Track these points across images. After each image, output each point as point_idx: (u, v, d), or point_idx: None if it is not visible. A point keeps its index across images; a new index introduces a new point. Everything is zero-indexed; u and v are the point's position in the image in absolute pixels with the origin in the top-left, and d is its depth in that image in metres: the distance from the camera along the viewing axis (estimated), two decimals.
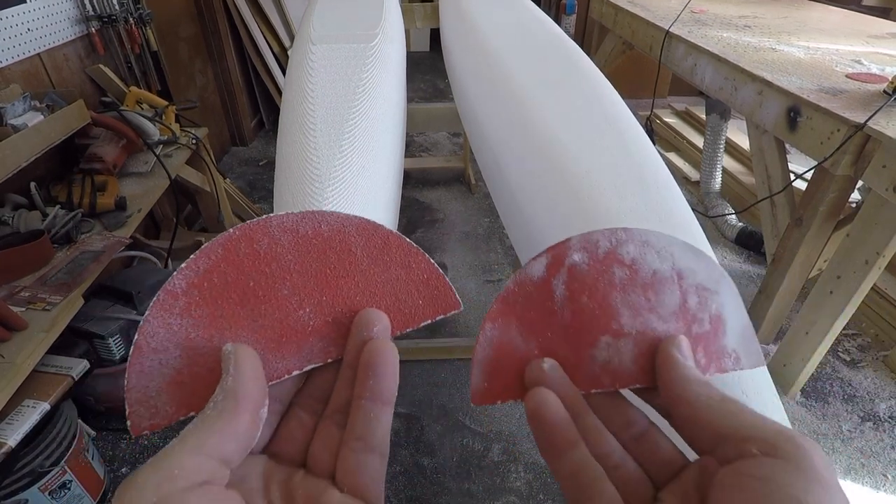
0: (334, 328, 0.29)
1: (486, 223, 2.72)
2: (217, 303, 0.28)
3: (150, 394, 0.27)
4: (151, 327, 0.27)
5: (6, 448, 1.06)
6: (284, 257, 0.29)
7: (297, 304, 0.29)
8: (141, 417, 0.26)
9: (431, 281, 0.31)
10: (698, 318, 0.31)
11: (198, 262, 0.28)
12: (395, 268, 0.31)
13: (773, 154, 1.69)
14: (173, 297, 0.27)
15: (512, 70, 0.83)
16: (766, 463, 0.22)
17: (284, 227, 0.29)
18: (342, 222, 0.30)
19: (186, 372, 0.27)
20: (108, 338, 1.43)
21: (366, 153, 0.64)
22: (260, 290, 0.28)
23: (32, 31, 1.63)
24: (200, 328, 0.27)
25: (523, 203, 0.70)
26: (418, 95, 4.47)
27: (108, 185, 1.63)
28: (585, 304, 0.31)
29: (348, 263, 0.30)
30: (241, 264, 0.28)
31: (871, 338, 1.96)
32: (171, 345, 0.27)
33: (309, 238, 0.29)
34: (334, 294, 0.30)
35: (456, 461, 1.58)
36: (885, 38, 2.00)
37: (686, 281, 0.31)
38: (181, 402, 0.27)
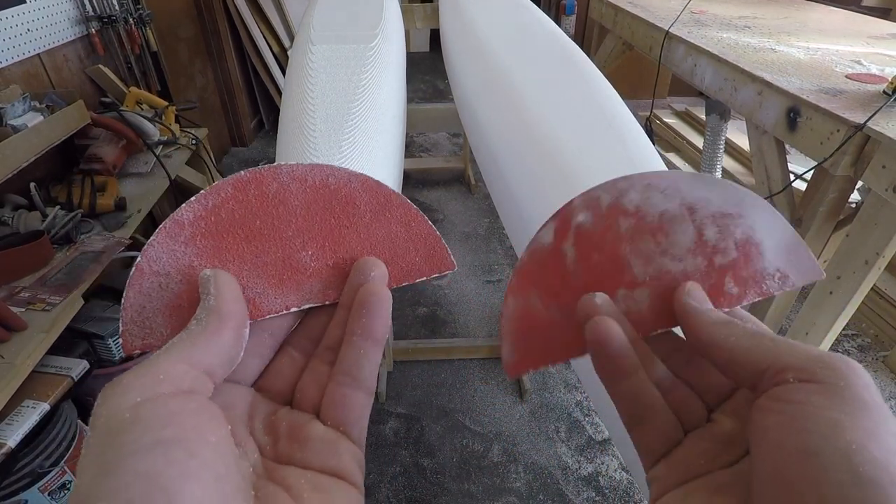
0: (334, 272, 0.31)
1: (486, 223, 2.72)
2: (222, 236, 0.29)
3: (147, 314, 0.27)
4: (155, 251, 0.27)
5: (6, 449, 1.05)
6: (291, 202, 0.30)
7: (301, 245, 0.30)
8: (134, 336, 0.27)
9: (429, 241, 0.32)
10: (720, 248, 0.30)
11: (207, 198, 0.29)
12: (395, 224, 0.32)
13: (773, 154, 1.69)
14: (179, 226, 0.28)
15: (512, 71, 0.83)
16: (802, 388, 0.22)
17: (294, 175, 0.30)
18: (348, 177, 0.31)
19: (186, 297, 0.28)
20: (107, 338, 1.43)
21: (365, 154, 0.64)
22: (265, 229, 0.30)
23: (32, 32, 1.63)
24: (204, 257, 0.28)
25: (523, 203, 0.70)
26: (418, 96, 4.47)
27: (108, 186, 1.63)
28: (596, 262, 0.31)
29: (352, 215, 0.31)
30: (249, 203, 0.29)
31: (871, 338, 1.96)
32: (174, 269, 0.28)
33: (316, 187, 0.30)
34: (336, 241, 0.31)
35: (456, 462, 1.58)
36: (884, 38, 2.00)
37: (700, 213, 0.31)
38: (178, 325, 0.27)
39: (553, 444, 1.63)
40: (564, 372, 1.87)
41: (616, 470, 1.55)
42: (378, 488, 1.51)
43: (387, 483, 1.52)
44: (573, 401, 1.77)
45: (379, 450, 1.61)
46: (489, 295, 2.24)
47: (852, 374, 0.21)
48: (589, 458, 1.59)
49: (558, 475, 1.54)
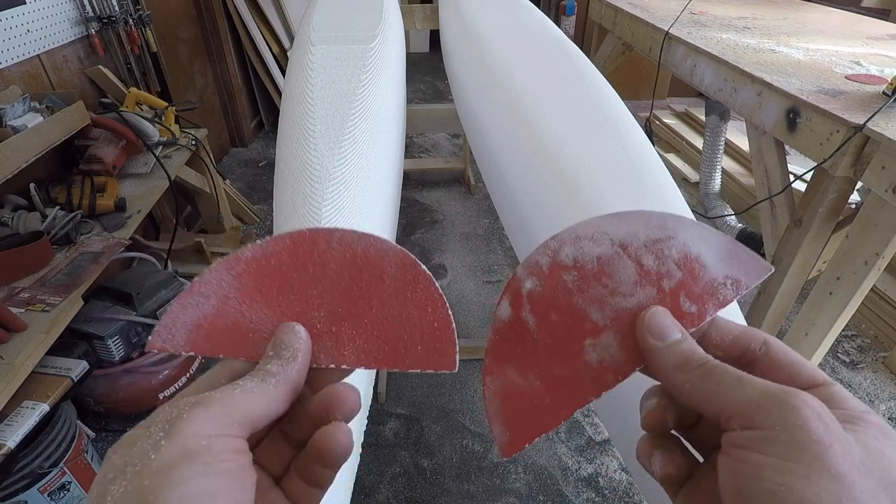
0: (333, 337, 0.32)
1: (486, 224, 2.72)
2: (263, 279, 0.32)
3: (177, 324, 0.31)
4: (209, 276, 0.31)
5: (5, 449, 1.05)
6: (329, 265, 0.32)
7: (317, 305, 0.32)
8: (160, 337, 0.30)
9: (438, 333, 0.32)
10: (664, 273, 0.31)
11: (269, 244, 0.32)
12: (412, 307, 0.32)
13: (773, 155, 1.69)
14: (236, 261, 0.32)
15: (511, 71, 0.83)
16: (742, 435, 0.22)
17: (343, 240, 0.32)
18: (388, 251, 0.32)
19: (210, 321, 0.31)
20: (107, 339, 1.43)
21: (365, 154, 0.64)
22: (297, 285, 0.32)
23: (32, 33, 1.63)
24: (240, 293, 0.32)
25: (523, 204, 0.70)
26: (418, 97, 4.47)
27: (108, 187, 1.63)
28: (556, 321, 0.32)
29: (374, 288, 0.32)
30: (296, 257, 0.32)
31: (871, 339, 1.96)
32: (213, 295, 0.31)
33: (356, 255, 0.32)
34: (347, 309, 0.32)
35: (456, 462, 1.58)
36: (884, 39, 2.00)
37: (631, 247, 0.32)
38: (192, 341, 0.31)
39: (553, 445, 1.63)
40: None
41: (616, 470, 1.55)
42: (378, 489, 1.51)
43: (386, 483, 1.52)
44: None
45: (379, 450, 1.61)
46: (489, 295, 2.24)
47: (790, 415, 0.21)
48: (589, 458, 1.59)
49: (558, 476, 1.54)
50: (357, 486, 1.51)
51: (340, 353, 0.32)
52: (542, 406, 0.31)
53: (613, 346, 0.31)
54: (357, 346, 0.32)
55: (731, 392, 0.24)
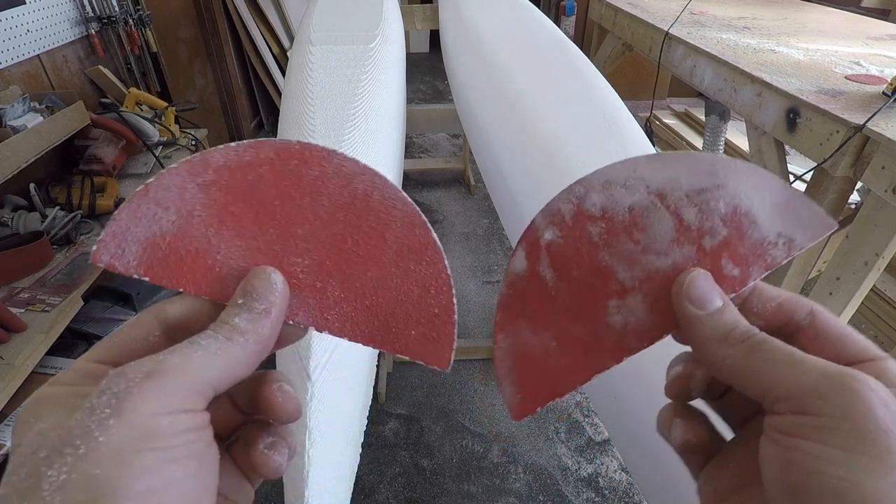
0: (316, 294, 0.27)
1: (486, 224, 2.72)
2: (236, 198, 0.26)
3: (127, 237, 0.25)
4: (167, 180, 0.25)
5: (5, 450, 1.05)
6: (322, 198, 0.27)
7: (301, 251, 0.27)
8: (105, 249, 0.25)
9: (438, 321, 0.28)
10: (706, 229, 0.27)
11: (245, 150, 0.26)
12: (413, 282, 0.27)
13: (773, 155, 1.69)
14: (204, 166, 0.26)
15: (511, 72, 0.83)
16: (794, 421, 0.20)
17: (341, 170, 0.27)
18: (396, 203, 0.27)
19: (168, 241, 0.26)
20: None
21: (365, 154, 0.64)
22: (279, 215, 0.26)
23: (32, 33, 1.63)
24: (206, 211, 0.26)
25: (523, 204, 0.70)
26: (418, 97, 4.47)
27: (108, 187, 1.63)
28: (577, 277, 0.28)
29: (372, 247, 0.27)
30: (280, 178, 0.26)
31: (871, 339, 1.96)
32: (174, 207, 0.25)
33: (355, 196, 0.27)
34: (338, 267, 0.27)
35: (455, 462, 1.58)
36: (884, 39, 2.00)
37: (671, 196, 0.27)
38: (145, 262, 0.25)
39: (553, 445, 1.63)
40: None
41: (616, 471, 1.55)
42: (378, 489, 1.51)
43: (386, 484, 1.52)
44: (573, 401, 1.77)
45: (378, 450, 1.61)
46: (489, 296, 2.24)
47: (853, 401, 0.19)
48: (589, 458, 1.59)
49: (558, 476, 1.54)
50: (357, 486, 1.51)
51: (323, 316, 0.27)
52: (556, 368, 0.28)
53: (641, 310, 0.27)
54: (343, 312, 0.27)
55: (781, 372, 0.21)
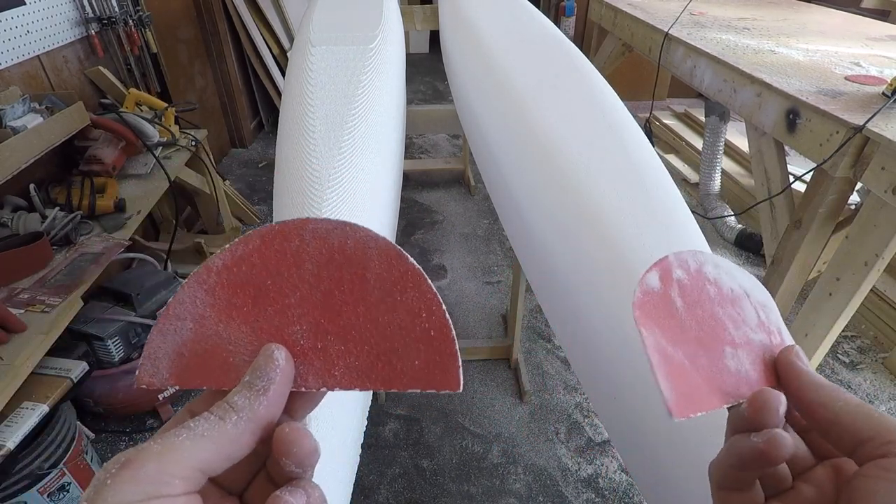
0: (320, 355, 0.28)
1: (486, 225, 2.72)
2: (236, 290, 0.28)
3: (158, 355, 0.28)
4: (183, 294, 0.28)
5: (5, 450, 1.05)
6: (306, 264, 0.28)
7: (297, 317, 0.28)
8: (145, 372, 0.28)
9: (437, 343, 0.28)
10: (771, 331, 0.34)
11: (237, 247, 0.28)
12: (403, 313, 0.28)
13: (773, 156, 1.69)
14: (207, 273, 0.28)
15: (511, 72, 0.83)
16: None
17: (317, 232, 0.29)
18: (366, 240, 0.28)
19: (189, 347, 0.28)
20: (107, 340, 1.43)
21: (365, 155, 0.64)
22: (272, 292, 0.28)
23: (32, 34, 1.63)
24: (215, 310, 0.28)
25: (522, 205, 0.70)
26: (418, 97, 4.47)
27: (108, 187, 1.63)
28: (701, 316, 0.32)
29: (357, 291, 0.28)
30: (268, 260, 0.28)
31: (871, 340, 1.96)
32: (189, 316, 0.28)
33: (333, 251, 0.28)
34: (332, 321, 0.28)
35: (455, 463, 1.57)
36: (883, 40, 2.00)
37: (753, 298, 0.34)
38: (175, 372, 0.28)
39: (553, 446, 1.63)
40: (564, 374, 1.87)
41: (616, 471, 1.55)
42: (377, 489, 1.51)
43: (386, 484, 1.52)
44: (573, 402, 1.76)
45: (378, 451, 1.61)
46: (488, 296, 2.24)
47: None
48: (588, 459, 1.59)
49: (558, 476, 1.54)
50: (357, 487, 1.51)
51: (331, 374, 0.28)
52: (696, 384, 0.30)
53: (747, 364, 0.32)
54: (347, 363, 0.28)
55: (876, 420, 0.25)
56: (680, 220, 0.56)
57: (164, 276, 1.65)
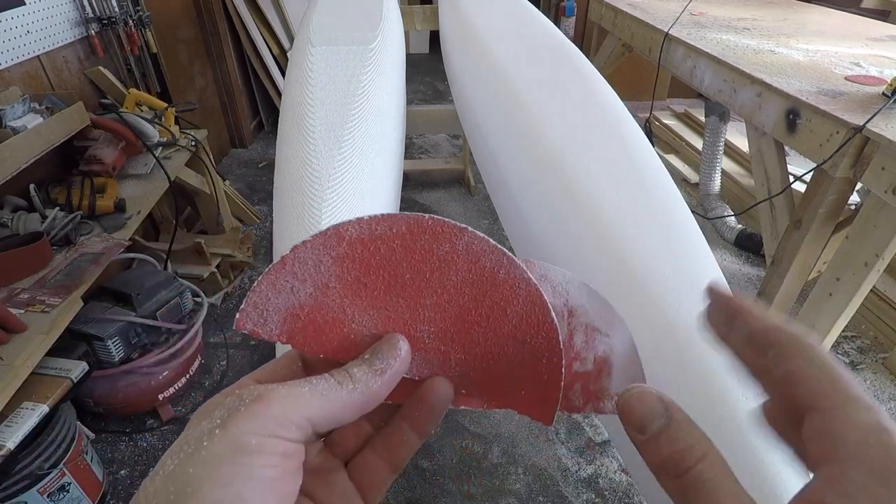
0: (440, 356, 0.29)
1: (486, 225, 2.72)
2: (369, 272, 0.28)
3: (269, 307, 0.27)
4: (303, 253, 0.27)
5: (5, 451, 1.05)
6: (450, 274, 0.28)
7: (428, 319, 0.29)
8: (248, 319, 0.27)
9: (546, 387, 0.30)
10: (581, 357, 0.32)
11: (378, 223, 0.28)
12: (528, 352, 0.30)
13: (773, 156, 1.69)
14: (338, 238, 0.27)
15: (511, 72, 0.83)
16: None
17: (471, 248, 0.28)
18: (520, 282, 0.29)
19: (307, 312, 0.28)
20: (107, 340, 1.43)
21: (365, 155, 0.64)
22: (409, 287, 0.28)
23: (32, 34, 1.63)
24: (341, 283, 0.28)
25: (522, 205, 0.70)
26: (418, 97, 4.47)
27: (108, 188, 1.63)
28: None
29: (494, 319, 0.29)
30: (412, 252, 0.28)
31: (871, 340, 1.96)
32: (310, 280, 0.28)
33: (482, 273, 0.28)
34: (461, 334, 0.29)
35: (455, 463, 1.57)
36: (883, 40, 2.01)
37: (576, 319, 0.32)
38: (287, 331, 0.28)
39: (553, 446, 1.63)
40: None
41: (616, 471, 1.55)
42: None
43: None
44: None
45: None
46: None
47: None
48: (588, 459, 1.59)
49: (558, 477, 1.54)
50: None
51: (445, 374, 0.30)
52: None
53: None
54: (463, 371, 0.30)
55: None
56: (680, 220, 0.56)
57: (164, 276, 1.65)
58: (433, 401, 0.29)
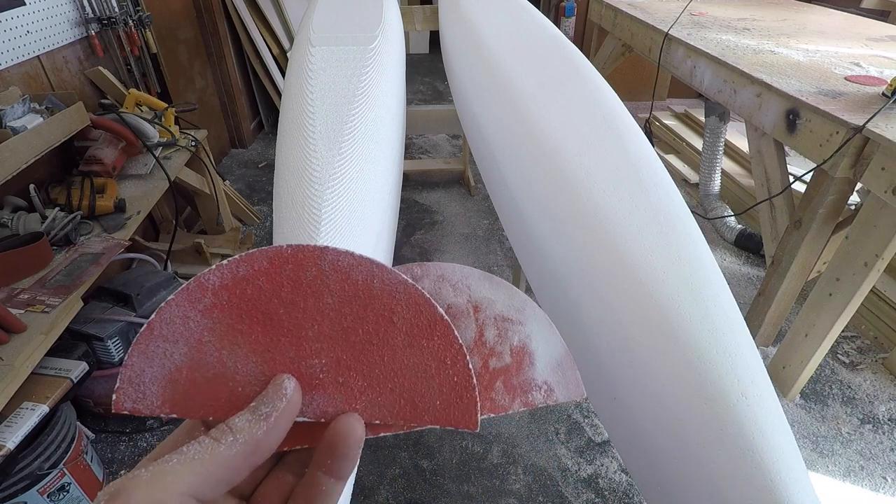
0: (340, 389, 0.28)
1: (486, 225, 2.72)
2: (241, 315, 0.26)
3: (144, 378, 0.26)
4: (169, 314, 0.26)
5: (5, 451, 1.05)
6: (324, 298, 0.27)
7: (316, 352, 0.27)
8: (126, 397, 0.26)
9: (459, 388, 0.28)
10: (497, 352, 0.30)
11: (238, 265, 0.26)
12: (429, 357, 0.28)
13: (773, 156, 1.69)
14: (202, 291, 0.26)
15: (511, 72, 0.83)
16: None
17: (337, 265, 0.27)
18: (396, 286, 0.28)
19: (185, 373, 0.26)
20: (106, 340, 1.43)
21: (365, 155, 0.64)
22: (286, 323, 0.27)
23: (32, 34, 1.63)
24: (215, 335, 0.26)
25: (522, 205, 0.70)
26: (418, 97, 4.47)
27: (108, 188, 1.63)
28: None
29: (383, 333, 0.28)
30: (279, 286, 0.27)
31: (871, 340, 1.96)
32: (182, 339, 0.26)
33: (356, 288, 0.27)
34: (355, 359, 0.28)
35: (455, 463, 1.57)
36: (883, 40, 2.01)
37: (483, 313, 0.30)
38: (169, 400, 0.26)
39: (552, 446, 1.63)
40: None
41: (616, 472, 1.55)
42: (377, 490, 1.50)
43: (386, 485, 1.52)
44: (573, 402, 1.77)
45: (378, 451, 1.61)
46: None
47: None
48: (588, 459, 1.59)
49: (558, 477, 1.54)
50: (357, 487, 1.51)
51: (352, 408, 0.28)
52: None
53: None
54: (370, 399, 0.28)
55: None
56: (680, 220, 0.56)
57: (164, 276, 1.65)
58: (342, 443, 0.26)
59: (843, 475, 1.51)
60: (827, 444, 1.60)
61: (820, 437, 1.62)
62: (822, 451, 1.58)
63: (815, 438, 1.62)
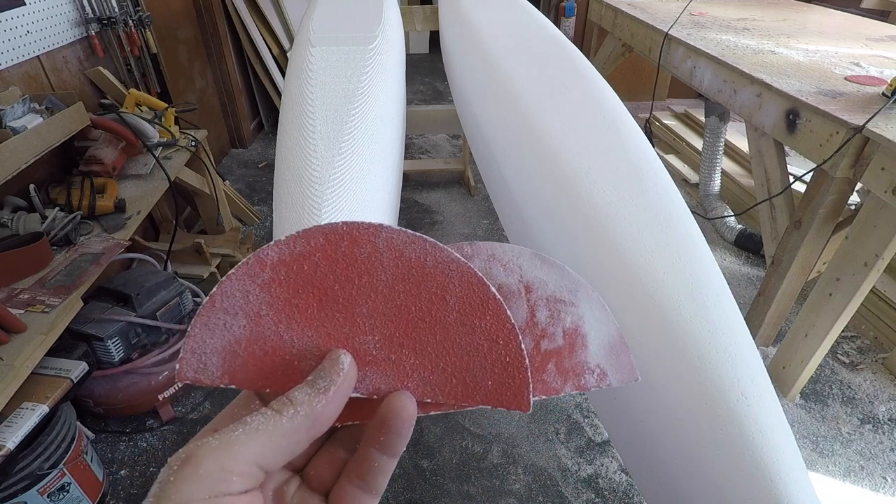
0: (392, 366, 0.28)
1: (486, 225, 2.72)
2: (298, 292, 0.27)
3: (206, 349, 0.27)
4: (230, 287, 0.27)
5: (5, 451, 1.05)
6: (378, 274, 0.28)
7: (370, 328, 0.28)
8: (189, 367, 0.27)
9: (510, 369, 0.28)
10: (549, 333, 0.30)
11: (296, 242, 0.27)
12: (481, 337, 0.28)
13: (772, 156, 1.69)
14: (260, 266, 0.27)
15: (511, 72, 0.83)
16: None
17: (391, 243, 0.27)
18: (450, 265, 0.28)
19: (244, 345, 0.27)
20: (106, 340, 1.43)
21: (365, 155, 0.64)
22: (341, 298, 0.27)
23: (32, 34, 1.63)
24: (272, 309, 0.27)
25: (522, 205, 0.70)
26: (417, 98, 4.47)
27: (108, 188, 1.63)
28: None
29: (436, 311, 0.28)
30: (335, 262, 0.27)
31: (871, 340, 1.96)
32: (241, 312, 0.27)
33: (410, 266, 0.28)
34: (408, 336, 0.28)
35: (455, 463, 1.57)
36: (883, 40, 2.01)
37: (535, 293, 0.30)
38: (228, 371, 0.27)
39: (552, 446, 1.63)
40: None
41: (616, 472, 1.55)
42: None
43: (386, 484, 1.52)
44: (572, 403, 1.76)
45: None
46: None
47: None
48: (588, 459, 1.59)
49: (558, 477, 1.54)
50: None
51: (404, 385, 0.28)
52: None
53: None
54: (422, 377, 0.28)
55: None
56: (680, 220, 0.56)
57: (164, 276, 1.65)
58: (394, 419, 0.26)
59: (843, 475, 1.51)
60: (827, 444, 1.60)
61: (820, 437, 1.62)
62: (822, 451, 1.58)
63: (815, 438, 1.62)
